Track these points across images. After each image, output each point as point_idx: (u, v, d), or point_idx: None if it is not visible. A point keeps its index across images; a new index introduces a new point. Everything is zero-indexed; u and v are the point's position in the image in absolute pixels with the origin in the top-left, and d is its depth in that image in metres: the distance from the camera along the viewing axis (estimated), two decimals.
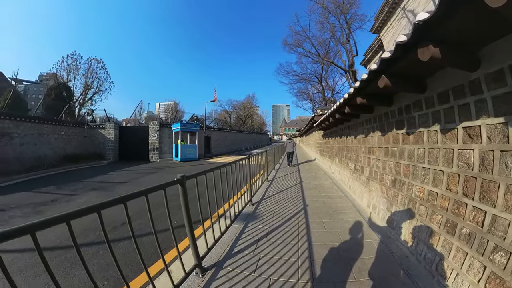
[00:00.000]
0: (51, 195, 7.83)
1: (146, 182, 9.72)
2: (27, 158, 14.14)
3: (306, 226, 3.68)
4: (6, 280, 1.07)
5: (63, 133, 17.33)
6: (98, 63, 33.85)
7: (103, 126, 20.44)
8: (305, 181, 7.53)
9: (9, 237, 1.07)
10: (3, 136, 12.73)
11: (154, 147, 20.19)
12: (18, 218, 5.52)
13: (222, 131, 32.43)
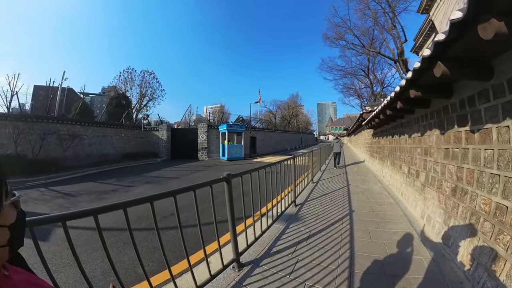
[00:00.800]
0: (112, 186, 9.20)
1: (195, 178, 10.42)
2: (94, 155, 16.84)
3: (350, 233, 3.45)
4: (71, 251, 1.36)
5: (123, 135, 20.22)
6: (150, 74, 38.53)
7: (157, 129, 23.21)
8: (352, 184, 7.11)
9: (77, 217, 1.38)
10: (75, 138, 15.37)
11: (203, 147, 21.86)
12: (84, 203, 6.65)
13: (267, 131, 32.77)
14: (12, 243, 0.52)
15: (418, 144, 4.21)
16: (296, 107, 66.65)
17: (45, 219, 1.26)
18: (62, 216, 1.32)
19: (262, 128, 32.40)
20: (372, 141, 10.88)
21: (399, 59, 21.17)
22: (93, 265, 3.11)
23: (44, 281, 0.64)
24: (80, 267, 1.39)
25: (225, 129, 20.78)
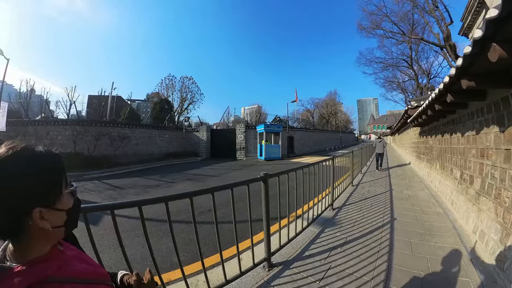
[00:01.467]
0: (156, 181, 10.02)
1: (233, 177, 10.73)
2: (140, 154, 18.54)
3: (390, 244, 3.16)
4: (116, 236, 1.57)
5: (167, 136, 21.94)
6: (189, 80, 41.21)
7: (198, 130, 24.66)
8: (395, 189, 6.55)
9: (124, 207, 1.63)
10: (124, 139, 17.30)
11: (241, 146, 22.32)
12: (131, 195, 7.51)
13: (305, 130, 31.88)
14: (68, 224, 0.64)
15: (472, 144, 3.67)
16: (334, 105, 64.10)
17: (96, 207, 1.53)
18: (111, 205, 1.55)
19: (299, 128, 31.55)
20: (418, 140, 9.91)
21: (445, 45, 17.82)
22: (134, 250, 3.45)
23: (91, 258, 0.79)
24: (122, 250, 1.58)
25: (263, 129, 20.97)
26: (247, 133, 22.64)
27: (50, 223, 0.58)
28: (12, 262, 0.55)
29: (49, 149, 0.64)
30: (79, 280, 0.63)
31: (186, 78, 41.05)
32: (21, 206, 0.55)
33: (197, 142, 24.23)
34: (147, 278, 0.85)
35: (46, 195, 0.58)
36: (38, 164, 0.58)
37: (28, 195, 0.55)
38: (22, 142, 0.60)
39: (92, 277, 0.68)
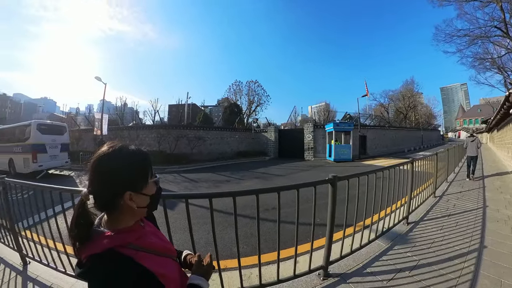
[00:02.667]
0: (226, 177, 11.04)
1: (299, 177, 10.79)
2: (213, 153, 20.87)
3: (472, 279, 2.47)
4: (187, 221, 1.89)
5: (237, 137, 23.85)
6: (254, 83, 43.12)
7: (266, 130, 25.62)
8: (491, 206, 5.03)
9: (197, 197, 2.16)
10: (199, 139, 20.04)
11: (309, 146, 22.02)
12: (204, 188, 8.70)
13: (379, 128, 28.28)
14: (150, 207, 0.82)
15: None
16: (412, 96, 52.76)
17: (174, 195, 2.04)
18: (185, 195, 1.95)
19: (373, 126, 28.09)
20: None
21: None
22: (200, 235, 3.93)
23: (164, 236, 0.98)
24: (190, 233, 1.93)
25: (332, 128, 20.00)
26: (315, 133, 22.15)
27: (136, 204, 0.76)
28: (104, 228, 0.75)
29: (139, 147, 0.83)
30: (151, 251, 0.79)
31: (251, 82, 43.19)
32: (117, 189, 0.73)
33: (266, 142, 25.08)
34: (207, 261, 0.98)
35: (136, 183, 0.77)
36: (131, 158, 0.78)
37: (123, 182, 0.74)
38: (119, 142, 0.80)
39: (162, 251, 0.85)
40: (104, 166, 0.73)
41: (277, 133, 24.80)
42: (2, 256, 3.13)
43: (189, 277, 0.92)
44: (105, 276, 0.66)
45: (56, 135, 13.03)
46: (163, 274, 0.76)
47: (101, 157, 0.74)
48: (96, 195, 0.73)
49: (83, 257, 0.70)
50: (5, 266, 2.92)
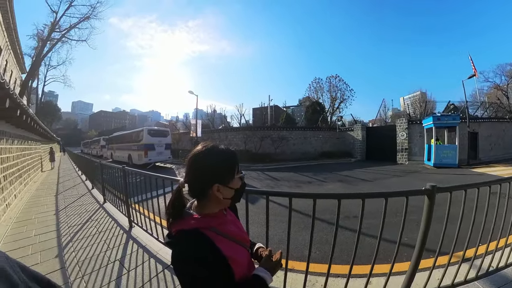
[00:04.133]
0: (308, 178, 10.88)
1: (389, 184, 9.36)
2: (296, 152, 20.96)
3: None
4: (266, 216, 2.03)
5: (321, 136, 22.97)
6: (335, 78, 39.82)
7: (352, 129, 23.36)
8: None
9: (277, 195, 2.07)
10: (283, 140, 20.53)
11: (403, 147, 18.25)
12: (285, 187, 8.90)
13: (496, 121, 19.44)
14: (234, 199, 0.94)
15: None
16: None
17: (256, 191, 2.15)
18: (267, 192, 2.02)
19: (486, 118, 19.75)
20: None
21: None
22: (275, 232, 4.00)
23: (242, 226, 1.11)
24: (267, 229, 2.05)
25: (431, 123, 15.22)
26: (410, 130, 18.13)
27: (222, 195, 0.88)
28: (194, 211, 0.91)
29: (228, 147, 0.95)
30: (228, 237, 0.91)
31: (332, 77, 40.21)
32: (207, 181, 0.87)
33: (352, 142, 22.83)
34: (277, 257, 1.02)
35: (224, 177, 0.89)
36: (220, 156, 0.91)
37: (212, 175, 0.88)
38: (211, 142, 0.95)
39: (238, 239, 0.96)
40: (198, 161, 0.89)
41: (364, 132, 22.03)
42: (117, 219, 4.57)
43: (256, 268, 0.99)
44: (187, 248, 0.80)
45: (162, 137, 17.80)
46: (234, 258, 0.86)
47: (196, 154, 0.90)
48: (190, 185, 0.90)
49: (173, 230, 0.87)
50: (118, 226, 4.23)
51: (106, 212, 5.06)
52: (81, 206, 5.72)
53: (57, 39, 22.97)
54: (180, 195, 0.92)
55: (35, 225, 4.50)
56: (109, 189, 5.43)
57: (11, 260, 0.45)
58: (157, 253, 3.09)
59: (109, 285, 2.49)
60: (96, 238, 3.71)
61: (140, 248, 3.27)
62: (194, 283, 0.77)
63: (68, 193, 7.42)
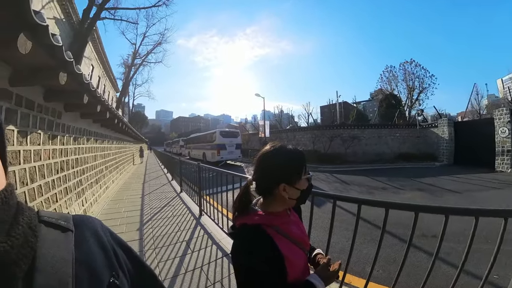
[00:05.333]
0: (382, 183, 9.57)
1: (483, 199, 7.15)
2: (369, 153, 18.69)
3: None
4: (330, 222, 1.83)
5: (398, 135, 19.86)
6: (410, 64, 33.46)
7: (435, 125, 18.78)
8: None
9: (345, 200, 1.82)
10: (354, 139, 18.59)
11: (504, 148, 13.24)
12: (354, 192, 8.01)
13: None
14: (299, 200, 0.92)
15: None
16: None
17: (323, 194, 1.87)
18: (334, 196, 1.81)
19: None
20: None
21: None
22: (337, 240, 3.68)
23: (304, 228, 1.05)
24: (329, 235, 1.84)
25: None
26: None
27: (288, 195, 0.88)
28: (258, 208, 0.92)
29: (296, 147, 0.95)
30: (289, 238, 0.89)
31: (406, 63, 33.70)
32: (274, 180, 0.88)
33: (435, 141, 18.36)
34: (335, 267, 0.96)
35: (291, 177, 0.88)
36: (288, 156, 0.91)
37: (280, 175, 0.88)
38: (279, 142, 0.95)
39: (298, 241, 0.93)
40: (266, 161, 0.91)
41: (451, 128, 17.21)
42: (189, 207, 5.06)
43: (310, 274, 0.95)
44: (247, 241, 0.83)
45: (232, 138, 19.15)
46: (290, 259, 0.84)
47: (264, 154, 0.92)
48: (258, 182, 0.93)
49: (237, 223, 0.91)
50: (190, 213, 4.68)
51: (181, 200, 5.70)
52: (161, 193, 6.65)
53: (139, 64, 28.36)
54: (248, 191, 0.94)
55: (125, 204, 5.50)
56: (185, 181, 6.25)
57: (104, 226, 0.57)
58: (219, 241, 3.31)
59: (174, 260, 2.83)
60: (171, 220, 4.24)
61: (206, 234, 3.56)
62: (248, 274, 0.79)
63: (152, 182, 8.68)
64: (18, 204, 0.42)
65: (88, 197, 4.51)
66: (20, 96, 2.15)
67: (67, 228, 0.48)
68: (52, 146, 2.94)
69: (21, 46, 1.30)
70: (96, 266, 0.47)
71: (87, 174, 4.56)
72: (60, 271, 0.41)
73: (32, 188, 2.39)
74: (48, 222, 0.47)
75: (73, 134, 3.74)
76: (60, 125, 3.20)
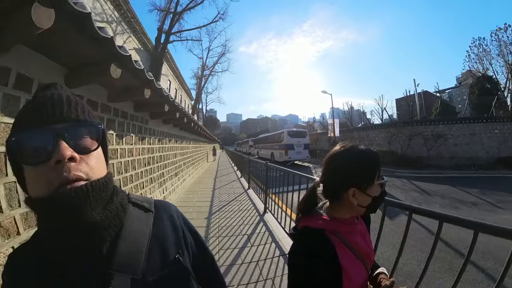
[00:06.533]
0: (472, 197, 7.48)
1: None
2: (458, 157, 15.10)
3: None
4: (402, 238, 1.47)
5: (497, 131, 15.39)
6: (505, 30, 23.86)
7: None
8: None
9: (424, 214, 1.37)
10: (439, 138, 15.11)
11: None
12: (436, 204, 6.46)
13: None
14: (369, 208, 0.81)
15: None
16: None
17: (397, 204, 1.53)
18: (411, 207, 1.42)
19: None
20: None
21: None
22: (407, 261, 3.15)
23: (371, 240, 0.94)
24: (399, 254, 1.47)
25: None
26: None
27: (357, 201, 0.78)
28: (324, 212, 0.86)
29: (369, 147, 0.85)
30: (352, 249, 0.81)
31: (499, 30, 24.61)
32: (343, 184, 0.79)
33: None
34: None
35: (362, 181, 0.78)
36: (359, 157, 0.81)
37: (349, 178, 0.79)
38: (350, 142, 0.87)
39: (362, 254, 0.83)
40: (335, 162, 0.84)
41: None
42: (255, 203, 5.22)
43: None
44: (308, 244, 0.79)
45: (300, 138, 18.70)
46: (348, 272, 0.76)
47: (334, 155, 0.85)
48: (325, 185, 0.86)
49: (300, 225, 0.87)
50: (254, 209, 4.83)
51: (248, 196, 5.95)
52: (230, 189, 7.10)
53: (208, 75, 31.29)
54: (314, 193, 0.89)
55: (197, 195, 6.18)
56: (253, 179, 6.51)
57: (178, 212, 0.69)
58: (279, 240, 3.30)
59: (233, 250, 3.01)
60: (236, 214, 4.50)
61: (267, 231, 3.61)
62: (302, 277, 0.74)
63: (223, 178, 9.34)
64: (115, 188, 0.56)
65: (168, 187, 5.22)
66: (116, 109, 2.73)
67: (149, 209, 0.61)
68: (141, 146, 3.56)
69: (113, 73, 1.68)
70: (166, 243, 0.57)
71: (168, 168, 5.28)
72: (138, 241, 0.53)
73: (125, 176, 3.01)
74: (135, 203, 0.60)
75: (157, 136, 4.41)
76: (147, 129, 3.84)
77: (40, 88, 0.53)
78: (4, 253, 1.25)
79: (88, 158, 0.49)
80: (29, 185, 0.47)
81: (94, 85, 2.16)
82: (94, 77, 1.84)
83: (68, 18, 1.14)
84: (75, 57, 1.64)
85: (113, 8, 10.99)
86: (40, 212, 0.47)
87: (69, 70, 1.79)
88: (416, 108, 25.19)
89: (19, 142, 0.45)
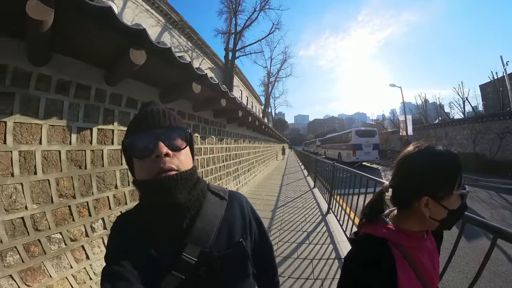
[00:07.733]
0: None
1: None
2: None
3: None
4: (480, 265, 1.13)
5: None
6: None
7: None
8: None
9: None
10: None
11: None
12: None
13: None
14: (443, 223, 0.65)
15: None
16: None
17: (480, 222, 1.15)
18: (497, 229, 1.06)
19: None
20: None
21: None
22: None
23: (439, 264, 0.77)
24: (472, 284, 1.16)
25: None
26: None
27: (430, 213, 0.63)
28: (389, 220, 0.72)
29: (448, 149, 0.68)
30: (415, 268, 0.65)
31: None
32: (415, 191, 0.65)
33: None
34: None
35: (437, 189, 0.63)
36: (436, 160, 0.65)
37: (423, 184, 0.64)
38: (426, 142, 0.70)
39: (424, 277, 0.67)
40: (407, 165, 0.69)
41: None
42: (319, 202, 5.01)
43: None
44: (365, 253, 0.68)
45: (369, 137, 16.38)
46: None
47: (406, 156, 0.70)
48: (394, 190, 0.72)
49: (362, 231, 0.76)
50: (318, 208, 4.66)
51: (312, 195, 5.83)
52: (296, 186, 7.13)
53: (273, 81, 32.34)
54: (381, 198, 0.77)
55: (266, 189, 6.47)
56: (319, 178, 6.35)
57: (248, 202, 0.76)
58: (338, 242, 3.09)
59: (291, 245, 3.03)
60: (300, 210, 4.49)
61: (327, 232, 3.43)
62: (353, 286, 0.67)
63: (290, 176, 9.41)
64: (198, 178, 0.67)
65: (241, 181, 5.65)
66: (200, 117, 3.21)
67: (223, 197, 0.70)
68: (220, 145, 4.02)
69: (195, 89, 2.03)
70: (234, 226, 0.66)
71: (242, 165, 5.71)
72: (211, 221, 0.63)
73: (207, 170, 3.50)
74: (213, 191, 0.70)
75: (233, 137, 4.86)
76: (225, 132, 4.31)
77: (143, 105, 0.66)
78: (115, 214, 1.73)
79: (178, 154, 0.60)
80: (136, 171, 0.62)
81: (182, 100, 2.61)
82: (180, 93, 2.23)
83: (156, 54, 1.46)
84: (165, 80, 2.04)
85: (186, 40, 14.25)
86: (142, 191, 0.60)
87: (162, 90, 2.24)
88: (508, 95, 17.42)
89: (131, 142, 0.60)
